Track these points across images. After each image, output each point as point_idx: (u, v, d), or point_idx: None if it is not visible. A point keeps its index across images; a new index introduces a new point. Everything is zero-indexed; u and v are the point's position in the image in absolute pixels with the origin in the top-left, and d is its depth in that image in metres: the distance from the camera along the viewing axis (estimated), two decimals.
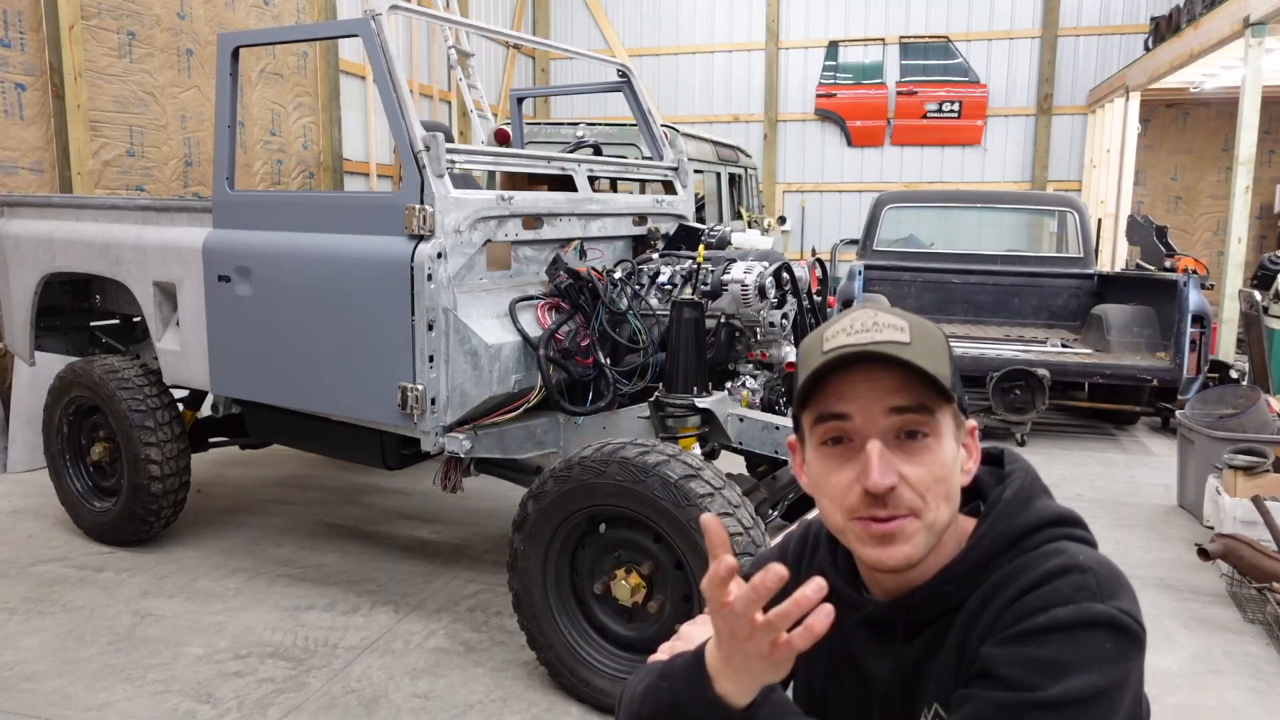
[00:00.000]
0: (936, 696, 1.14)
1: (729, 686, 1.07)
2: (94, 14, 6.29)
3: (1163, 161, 12.28)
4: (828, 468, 1.15)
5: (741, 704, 1.08)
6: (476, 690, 3.04)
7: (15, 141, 5.84)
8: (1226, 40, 7.60)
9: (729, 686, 1.07)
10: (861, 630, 1.24)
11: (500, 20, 12.20)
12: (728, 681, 1.07)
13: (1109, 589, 1.06)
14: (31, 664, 3.18)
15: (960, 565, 1.15)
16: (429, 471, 4.08)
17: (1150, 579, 4.01)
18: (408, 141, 3.09)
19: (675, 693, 1.11)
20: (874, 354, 1.09)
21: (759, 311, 3.41)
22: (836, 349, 1.11)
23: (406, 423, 3.20)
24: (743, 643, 1.02)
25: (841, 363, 1.11)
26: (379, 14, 3.16)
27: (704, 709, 1.08)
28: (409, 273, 3.09)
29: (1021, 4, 11.91)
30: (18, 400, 5.60)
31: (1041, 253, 8.64)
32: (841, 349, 1.11)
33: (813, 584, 0.97)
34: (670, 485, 2.69)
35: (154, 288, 3.94)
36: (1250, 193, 7.16)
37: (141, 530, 4.14)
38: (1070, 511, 1.18)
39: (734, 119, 12.82)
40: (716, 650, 1.08)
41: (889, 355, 1.09)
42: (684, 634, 1.28)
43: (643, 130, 4.48)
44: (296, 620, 3.54)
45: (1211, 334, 6.20)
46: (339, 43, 8.79)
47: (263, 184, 7.97)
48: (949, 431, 1.14)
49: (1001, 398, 6.16)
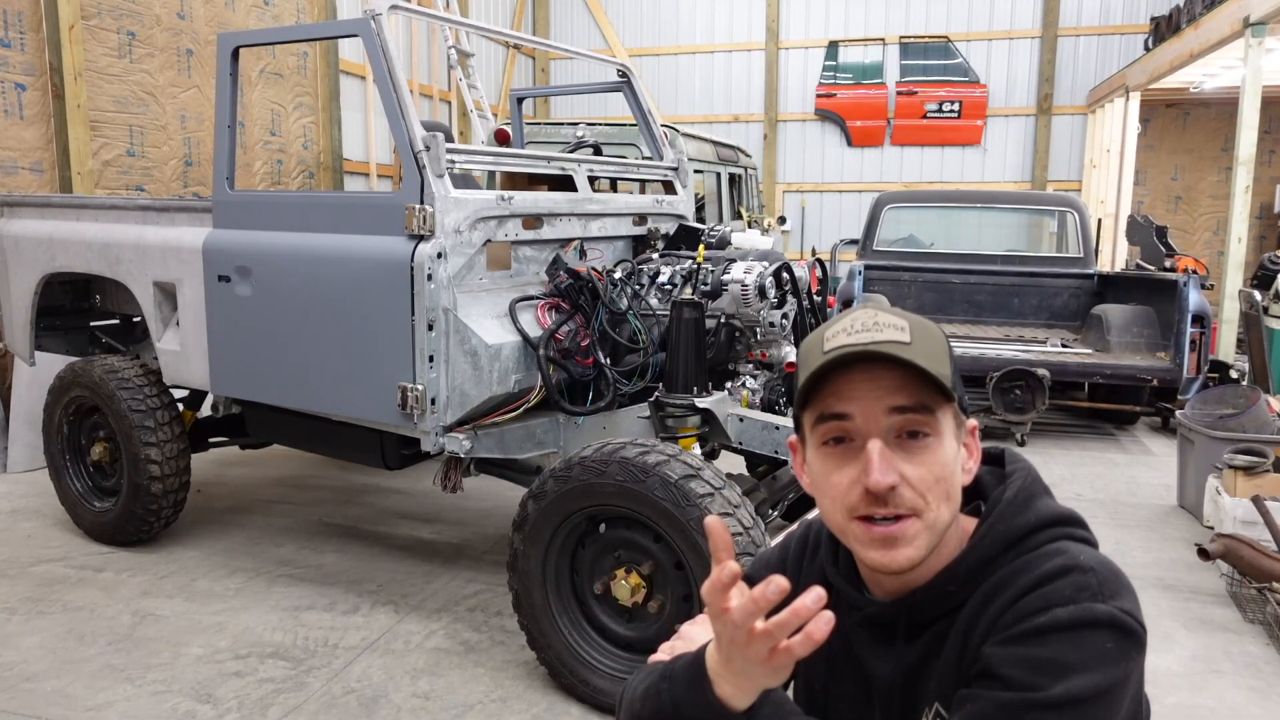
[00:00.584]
0: (938, 696, 1.14)
1: (728, 689, 1.08)
2: (94, 14, 6.29)
3: (1163, 161, 12.28)
4: (829, 467, 1.15)
5: (741, 707, 1.08)
6: (476, 690, 3.04)
7: (15, 141, 5.84)
8: (1226, 40, 7.60)
9: (728, 689, 1.08)
10: (863, 630, 1.24)
11: (500, 20, 12.21)
12: (727, 685, 1.08)
13: (1110, 589, 1.06)
14: (31, 664, 3.18)
15: (961, 565, 1.15)
16: (429, 471, 4.08)
17: (1150, 579, 4.01)
18: (408, 141, 3.09)
19: (675, 694, 1.12)
20: (875, 354, 1.09)
21: (759, 311, 3.41)
22: (837, 349, 1.11)
23: (406, 423, 3.20)
24: (742, 649, 1.03)
25: (842, 362, 1.11)
26: (379, 14, 3.16)
27: (704, 711, 1.09)
28: (409, 273, 3.09)
29: (1021, 4, 11.91)
30: (18, 400, 5.60)
31: (1041, 253, 8.64)
32: (842, 349, 1.11)
33: (812, 594, 0.97)
34: (670, 485, 2.69)
35: (154, 288, 3.94)
36: (1250, 193, 7.16)
37: (141, 530, 4.14)
38: (1071, 511, 1.18)
39: (734, 119, 12.82)
40: (716, 653, 1.09)
41: (890, 355, 1.09)
42: (684, 634, 1.28)
43: (643, 130, 4.48)
44: (296, 620, 3.54)
45: (1211, 334, 6.20)
46: (339, 43, 8.79)
47: (263, 184, 7.97)
48: (949, 431, 1.14)
49: (1001, 398, 6.16)
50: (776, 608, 1.00)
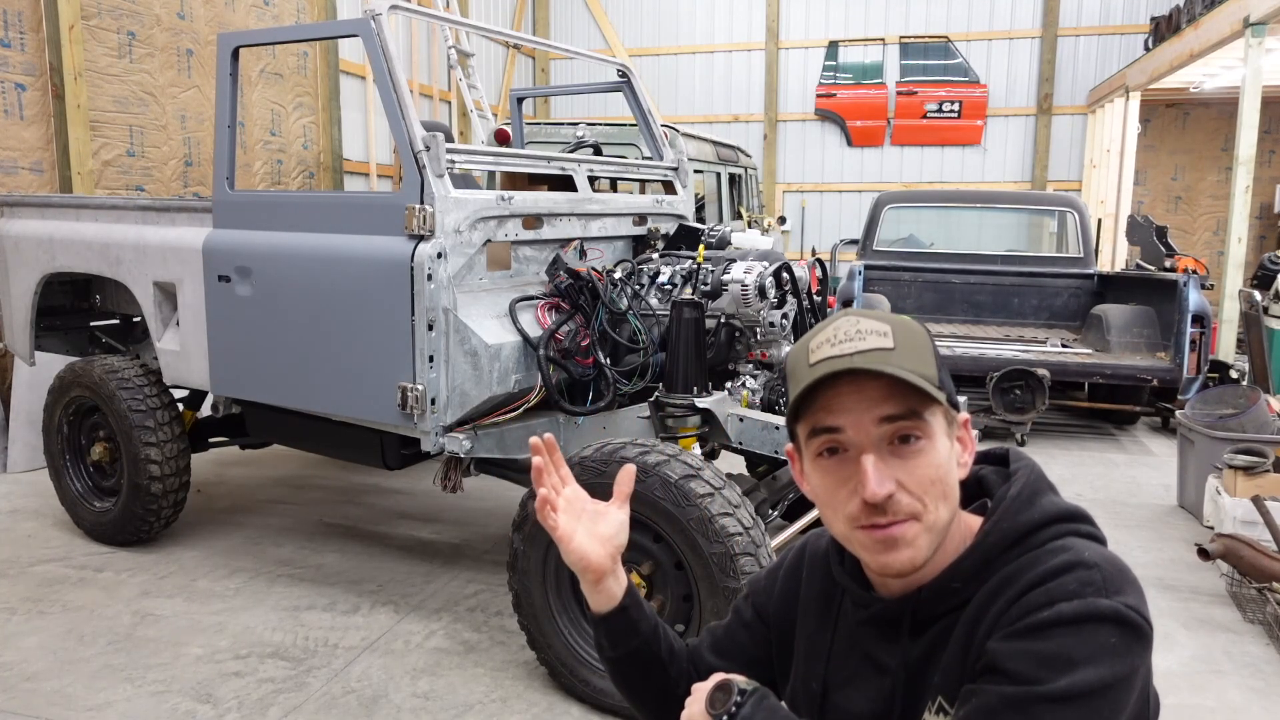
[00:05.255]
0: (942, 691, 1.15)
1: (589, 602, 1.41)
2: (94, 14, 6.29)
3: (1163, 161, 12.29)
4: (826, 479, 1.17)
5: (597, 609, 1.40)
6: (476, 690, 3.04)
7: (15, 141, 5.84)
8: (1226, 40, 7.60)
9: (589, 602, 1.41)
10: (869, 628, 1.25)
11: (500, 20, 12.21)
12: (587, 598, 1.41)
13: (1115, 584, 1.06)
14: (31, 664, 3.18)
15: (966, 562, 1.16)
16: (429, 471, 4.08)
17: (1150, 579, 4.01)
18: (408, 141, 3.09)
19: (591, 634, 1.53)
20: (857, 369, 1.11)
21: (759, 311, 3.41)
22: (821, 362, 1.13)
23: (406, 423, 3.20)
24: (559, 545, 1.36)
25: (828, 378, 1.12)
26: (379, 14, 3.16)
27: (593, 630, 1.45)
28: (409, 273, 3.09)
29: (1021, 4, 11.91)
30: (18, 400, 5.60)
31: (1041, 253, 8.64)
32: (825, 363, 1.13)
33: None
34: (670, 485, 2.69)
35: (154, 288, 3.94)
36: (1250, 193, 7.16)
37: (141, 530, 4.14)
38: (1076, 508, 1.19)
39: (734, 119, 12.83)
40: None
41: (871, 370, 1.10)
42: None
43: (643, 130, 4.48)
44: (296, 620, 3.54)
45: (1211, 334, 6.20)
46: (339, 43, 8.79)
47: (263, 184, 7.98)
48: (941, 430, 1.15)
49: (1001, 398, 6.16)
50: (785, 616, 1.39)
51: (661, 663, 1.44)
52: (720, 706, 1.19)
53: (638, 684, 1.46)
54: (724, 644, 1.46)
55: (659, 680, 1.44)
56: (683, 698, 1.35)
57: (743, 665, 1.41)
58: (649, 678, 1.44)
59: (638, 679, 1.45)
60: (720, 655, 1.45)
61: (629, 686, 1.47)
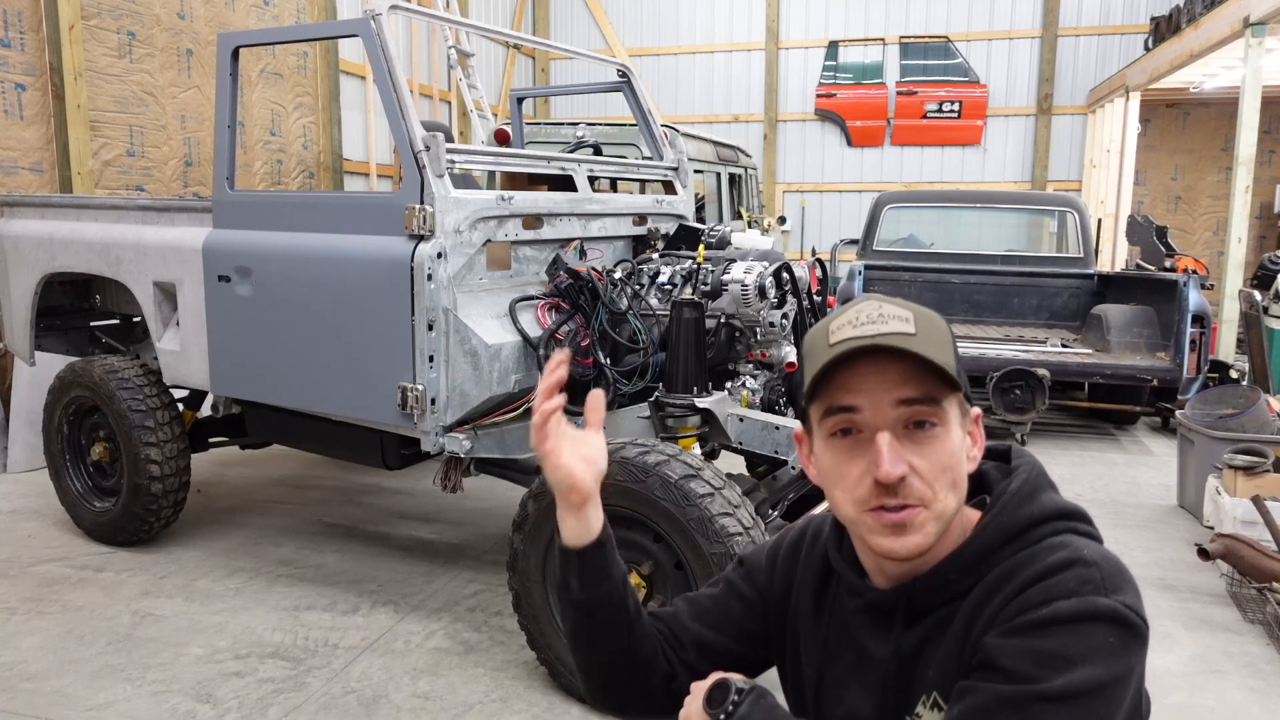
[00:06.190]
0: (937, 686, 1.15)
1: (562, 531, 1.33)
2: (94, 14, 6.29)
3: (1163, 161, 12.29)
4: (838, 460, 1.16)
5: (571, 543, 1.32)
6: (476, 690, 3.04)
7: (15, 141, 5.84)
8: (1226, 40, 7.60)
9: (562, 531, 1.33)
10: (863, 616, 1.26)
11: (500, 20, 12.21)
12: (562, 527, 1.33)
13: (1113, 583, 1.06)
14: (31, 664, 3.18)
15: (963, 554, 1.16)
16: (429, 471, 4.08)
17: (1150, 579, 4.01)
18: (408, 141, 3.09)
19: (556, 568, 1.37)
20: (881, 347, 1.10)
21: (759, 311, 3.41)
22: (843, 341, 1.12)
23: (406, 423, 3.20)
24: (547, 469, 1.30)
25: (849, 356, 1.12)
26: (379, 14, 3.16)
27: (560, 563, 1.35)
28: (409, 273, 3.09)
29: (1021, 4, 11.91)
30: (18, 400, 5.60)
31: (1041, 253, 8.63)
32: (848, 342, 1.12)
33: (555, 359, 1.34)
34: (670, 485, 2.69)
35: (154, 288, 3.94)
36: (1250, 193, 7.16)
37: (141, 530, 4.14)
38: (1076, 506, 1.19)
39: (734, 119, 12.83)
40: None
41: (897, 348, 1.10)
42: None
43: (643, 130, 4.48)
44: (296, 620, 3.54)
45: (1211, 334, 6.20)
46: (339, 43, 8.79)
47: (263, 184, 7.97)
48: (955, 420, 1.15)
49: (1001, 398, 6.16)
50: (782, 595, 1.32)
51: (628, 616, 1.36)
52: (718, 705, 1.19)
53: (598, 637, 1.36)
54: (713, 614, 1.43)
55: (621, 636, 1.36)
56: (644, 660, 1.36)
57: (732, 636, 1.41)
58: (613, 631, 1.36)
59: (599, 631, 1.36)
60: (707, 624, 1.42)
61: (588, 640, 1.37)
